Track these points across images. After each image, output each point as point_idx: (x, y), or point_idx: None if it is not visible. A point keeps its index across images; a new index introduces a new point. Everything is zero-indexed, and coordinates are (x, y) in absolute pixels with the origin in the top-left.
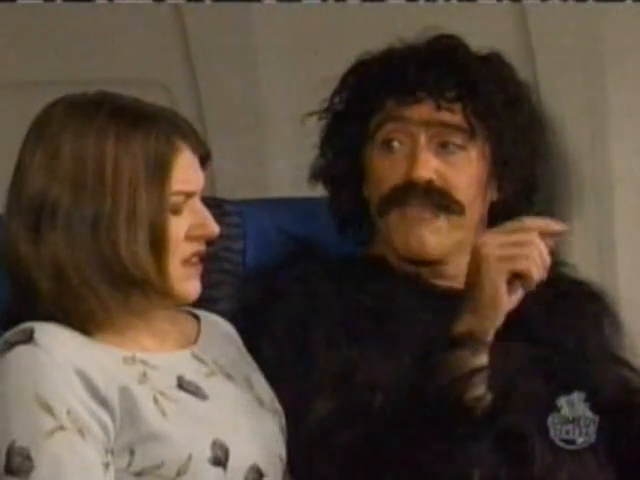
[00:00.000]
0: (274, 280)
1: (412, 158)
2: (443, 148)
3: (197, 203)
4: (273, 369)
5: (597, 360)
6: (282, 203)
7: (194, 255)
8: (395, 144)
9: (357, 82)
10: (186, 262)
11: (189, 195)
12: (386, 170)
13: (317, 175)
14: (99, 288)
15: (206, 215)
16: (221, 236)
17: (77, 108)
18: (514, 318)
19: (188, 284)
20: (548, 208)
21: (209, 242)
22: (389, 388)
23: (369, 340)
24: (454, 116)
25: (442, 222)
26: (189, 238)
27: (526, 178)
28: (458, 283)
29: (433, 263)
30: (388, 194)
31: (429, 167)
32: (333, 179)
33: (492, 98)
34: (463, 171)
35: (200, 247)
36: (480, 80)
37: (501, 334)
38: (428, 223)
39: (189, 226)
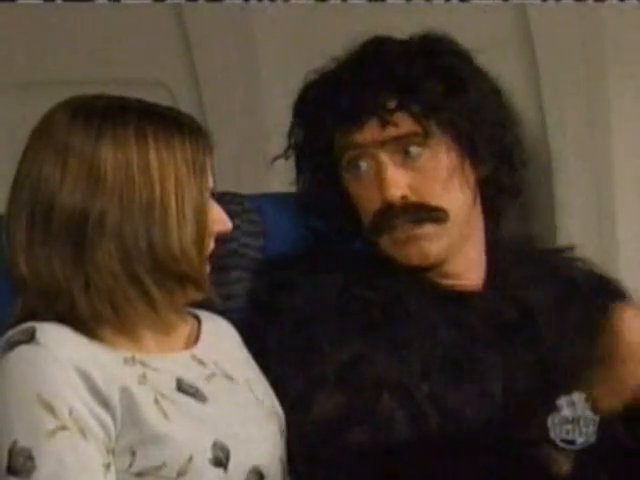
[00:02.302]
0: (283, 273)
1: (380, 179)
2: (406, 155)
3: (212, 200)
4: (280, 363)
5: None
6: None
7: (210, 252)
8: (362, 164)
9: (304, 118)
10: (208, 258)
11: (211, 192)
12: (363, 193)
13: (305, 209)
14: (150, 289)
15: (222, 211)
16: (242, 233)
17: (102, 117)
18: (524, 316)
19: (208, 280)
20: (549, 198)
21: (219, 239)
22: (396, 388)
23: (376, 336)
24: (402, 126)
25: (430, 229)
26: (210, 234)
27: (498, 149)
28: (461, 280)
29: (435, 266)
30: (371, 222)
31: (398, 184)
32: (321, 209)
33: (432, 93)
34: (434, 173)
35: (212, 245)
36: (415, 80)
37: (510, 331)
38: (419, 235)
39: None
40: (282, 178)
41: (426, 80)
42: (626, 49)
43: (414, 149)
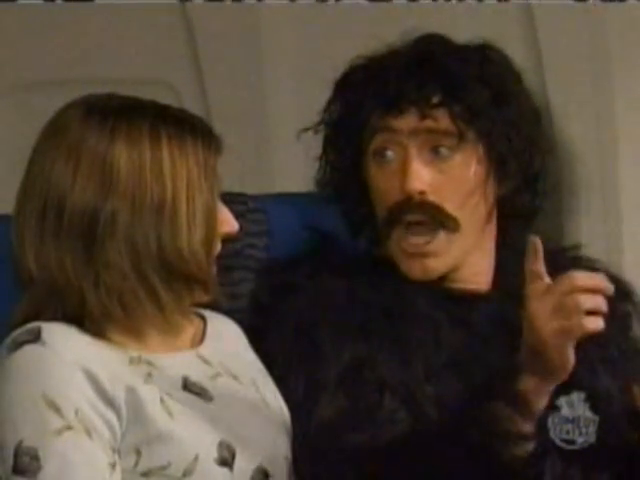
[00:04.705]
0: (286, 276)
1: (404, 170)
2: (435, 154)
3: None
4: (282, 365)
5: (616, 363)
6: (307, 198)
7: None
8: (388, 153)
9: (343, 96)
10: (215, 260)
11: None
12: (383, 183)
13: (322, 187)
14: (159, 290)
15: (228, 212)
16: (246, 233)
17: (116, 116)
18: None
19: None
20: (554, 198)
21: (225, 240)
22: (398, 389)
23: (379, 339)
24: (440, 122)
25: (441, 238)
26: (218, 236)
27: (525, 171)
28: (470, 284)
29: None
30: (387, 214)
31: (421, 179)
32: (338, 192)
33: (477, 99)
34: (458, 178)
35: (219, 247)
36: (464, 81)
37: (516, 332)
38: (427, 252)
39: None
40: (287, 178)
41: (475, 84)
42: (633, 48)
43: (444, 150)
